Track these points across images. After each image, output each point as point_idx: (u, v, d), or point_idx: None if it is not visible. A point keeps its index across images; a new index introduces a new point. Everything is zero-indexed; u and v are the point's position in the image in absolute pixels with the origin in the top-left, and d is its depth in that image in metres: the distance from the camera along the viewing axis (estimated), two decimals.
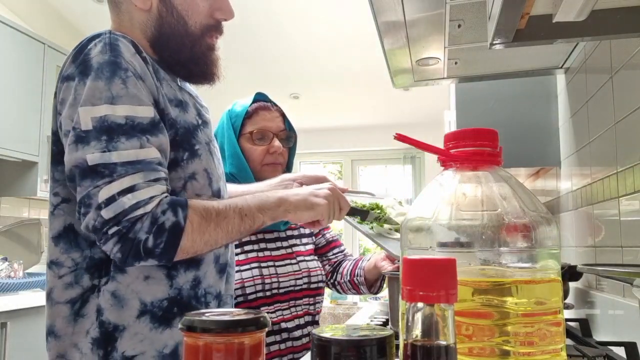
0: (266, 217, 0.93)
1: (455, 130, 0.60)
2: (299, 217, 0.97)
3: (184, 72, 1.00)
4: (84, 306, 0.87)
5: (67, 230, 0.90)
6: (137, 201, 0.79)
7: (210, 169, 0.97)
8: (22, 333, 2.31)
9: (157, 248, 0.80)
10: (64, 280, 0.88)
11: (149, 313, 0.87)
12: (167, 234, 0.81)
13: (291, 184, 1.17)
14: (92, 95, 0.82)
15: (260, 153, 1.37)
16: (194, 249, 0.85)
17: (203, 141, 0.96)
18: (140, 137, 0.82)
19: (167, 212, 0.81)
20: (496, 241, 0.50)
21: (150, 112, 0.85)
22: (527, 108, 1.74)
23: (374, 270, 1.48)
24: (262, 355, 0.41)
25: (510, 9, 0.80)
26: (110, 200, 0.78)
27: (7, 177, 2.96)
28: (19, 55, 2.83)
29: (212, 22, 0.99)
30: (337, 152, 4.75)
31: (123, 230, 0.79)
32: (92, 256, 0.88)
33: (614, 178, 1.17)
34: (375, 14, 1.15)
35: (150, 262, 0.83)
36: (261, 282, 1.28)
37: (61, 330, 0.87)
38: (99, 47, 0.85)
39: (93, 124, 0.81)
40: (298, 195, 0.98)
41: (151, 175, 0.82)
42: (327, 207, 0.99)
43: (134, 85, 0.84)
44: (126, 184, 0.79)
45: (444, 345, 0.38)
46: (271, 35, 3.50)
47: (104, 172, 0.79)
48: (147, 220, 0.80)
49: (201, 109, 1.02)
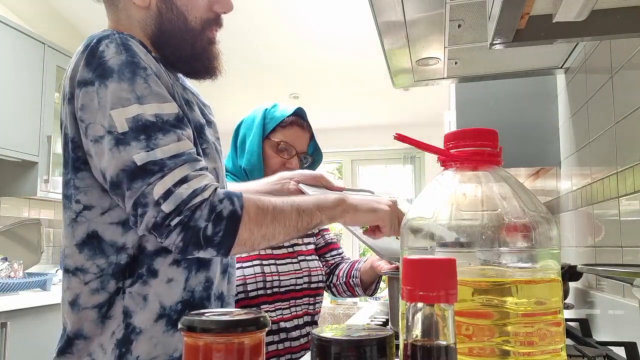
0: (324, 216, 0.91)
1: (455, 130, 0.60)
2: (358, 217, 0.95)
3: (186, 69, 0.99)
4: (110, 309, 0.86)
5: (91, 237, 0.87)
6: (194, 189, 0.79)
7: (218, 168, 0.96)
8: (22, 333, 2.31)
9: (215, 236, 0.80)
10: (90, 287, 0.86)
11: (166, 317, 0.87)
12: (225, 221, 0.80)
13: (288, 182, 1.17)
14: (120, 97, 0.81)
15: (277, 163, 1.40)
16: (252, 241, 0.83)
17: (210, 140, 0.95)
18: (175, 131, 0.82)
19: (224, 200, 0.81)
20: (496, 241, 0.50)
21: (174, 108, 0.85)
22: (527, 108, 1.74)
23: (370, 272, 1.48)
24: (262, 355, 0.41)
25: (510, 9, 0.80)
26: (168, 193, 0.78)
27: (7, 177, 2.96)
28: (19, 55, 2.82)
29: (212, 15, 0.98)
30: (337, 152, 4.75)
31: (185, 219, 0.78)
32: (119, 262, 0.86)
33: (614, 178, 1.17)
34: (375, 14, 1.15)
35: (209, 253, 0.81)
36: (262, 280, 1.28)
37: (90, 332, 0.86)
38: (112, 48, 0.83)
39: (129, 125, 0.80)
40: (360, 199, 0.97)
41: (197, 165, 0.82)
42: (389, 213, 0.97)
43: (155, 83, 0.84)
44: (178, 176, 0.79)
45: (444, 345, 0.38)
46: (271, 35, 3.50)
47: (154, 169, 0.79)
48: (206, 208, 0.79)
49: (204, 108, 1.02)
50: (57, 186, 3.07)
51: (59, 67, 3.05)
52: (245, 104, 1.53)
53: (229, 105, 3.96)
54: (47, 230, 3.36)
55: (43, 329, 2.43)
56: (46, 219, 3.36)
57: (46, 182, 2.97)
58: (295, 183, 1.16)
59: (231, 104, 3.98)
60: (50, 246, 3.39)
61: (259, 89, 4.10)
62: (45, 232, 3.26)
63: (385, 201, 0.99)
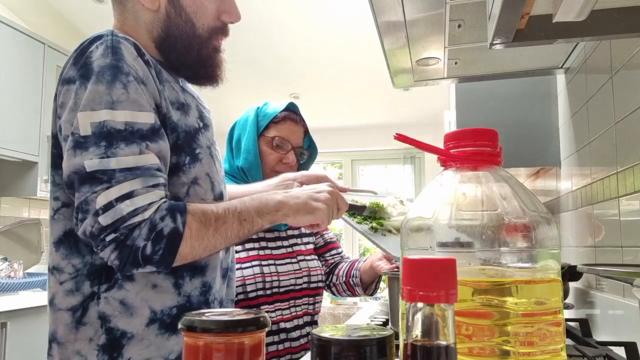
0: (265, 221, 0.92)
1: (455, 130, 0.60)
2: (298, 221, 0.96)
3: (189, 74, 0.99)
4: (84, 314, 0.86)
5: (68, 236, 0.88)
6: (136, 208, 0.78)
7: (212, 173, 0.96)
8: (22, 333, 2.31)
9: (155, 255, 0.79)
10: (65, 287, 0.87)
11: (159, 321, 0.87)
12: (165, 240, 0.80)
13: (292, 183, 1.17)
14: (92, 99, 0.80)
15: (274, 159, 1.40)
16: (193, 254, 0.84)
17: (204, 145, 0.95)
18: (140, 143, 0.81)
19: (166, 218, 0.80)
20: (496, 241, 0.50)
21: (150, 118, 0.83)
22: (527, 108, 1.74)
23: (370, 271, 1.48)
24: (262, 355, 0.41)
25: (510, 9, 0.80)
26: (108, 206, 0.77)
27: (7, 177, 2.96)
28: (19, 55, 2.83)
29: (219, 24, 0.98)
30: (337, 152, 4.75)
31: (121, 237, 0.78)
32: (93, 262, 0.86)
33: (614, 178, 1.17)
34: (375, 14, 1.15)
35: (148, 269, 0.82)
36: (262, 280, 1.28)
37: (63, 337, 0.86)
38: (100, 49, 0.83)
39: (92, 130, 0.79)
40: (298, 199, 0.96)
41: (150, 182, 0.81)
42: (326, 211, 0.98)
43: (135, 90, 0.83)
44: (124, 190, 0.78)
45: (444, 345, 0.38)
46: (271, 35, 3.50)
47: (102, 178, 0.78)
48: (146, 227, 0.79)
49: (203, 111, 1.01)
50: None
51: (59, 67, 3.05)
52: (246, 104, 1.52)
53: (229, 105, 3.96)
54: (47, 230, 3.35)
55: (43, 329, 2.41)
56: (46, 219, 3.36)
57: (46, 182, 2.97)
58: (298, 185, 1.16)
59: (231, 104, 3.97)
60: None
61: (259, 89, 4.10)
62: (45, 232, 3.26)
63: (323, 197, 0.98)
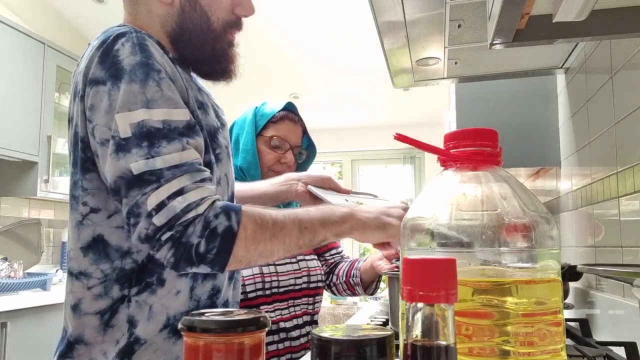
0: (329, 233, 0.86)
1: (455, 130, 0.60)
2: (367, 236, 0.90)
3: (204, 70, 0.97)
4: (113, 317, 0.84)
5: (97, 241, 0.85)
6: (188, 203, 0.76)
7: (229, 173, 0.94)
8: (22, 333, 2.31)
9: (209, 253, 0.76)
10: (93, 292, 0.84)
11: (170, 326, 0.86)
12: (219, 238, 0.77)
13: (296, 183, 1.17)
14: (128, 100, 0.78)
15: (272, 159, 1.40)
16: (248, 258, 0.80)
17: (223, 145, 0.93)
18: (181, 139, 0.79)
19: (220, 215, 0.78)
20: (496, 241, 0.50)
21: (186, 115, 0.82)
22: (527, 108, 1.74)
23: (370, 271, 1.48)
24: (262, 355, 0.41)
25: (510, 9, 0.80)
26: (161, 205, 0.75)
27: (7, 177, 2.96)
28: (19, 55, 2.82)
29: (233, 18, 0.96)
30: (337, 152, 4.75)
31: (176, 234, 0.75)
32: (123, 267, 0.84)
33: (614, 178, 1.17)
34: (375, 14, 1.15)
35: (202, 269, 0.78)
36: (261, 281, 1.28)
37: (91, 338, 0.84)
38: (127, 47, 0.81)
39: (132, 131, 0.77)
40: (369, 212, 0.91)
41: (198, 177, 0.79)
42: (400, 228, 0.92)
43: (168, 87, 0.81)
44: (174, 188, 0.76)
45: (444, 345, 0.38)
46: (271, 35, 3.50)
47: (151, 179, 0.76)
48: (200, 224, 0.76)
49: (218, 110, 0.99)
50: (57, 186, 3.07)
51: (59, 67, 3.05)
52: (245, 104, 1.52)
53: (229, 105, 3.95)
54: (47, 230, 3.36)
55: (43, 329, 2.43)
56: (46, 219, 3.36)
57: (46, 182, 2.97)
58: (303, 185, 1.16)
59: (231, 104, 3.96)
60: (50, 246, 3.39)
61: (259, 89, 4.09)
62: (45, 232, 3.26)
63: (396, 213, 0.93)
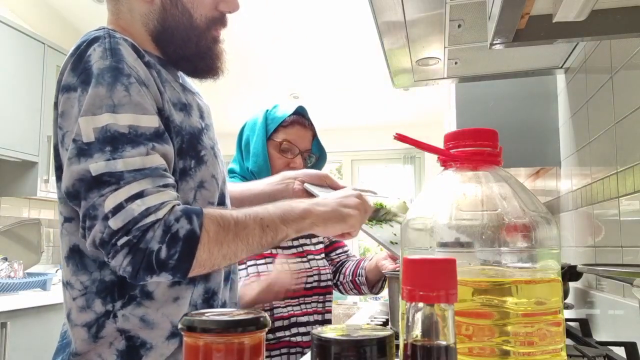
0: (290, 230, 0.85)
1: (455, 130, 0.60)
2: (328, 230, 0.90)
3: (189, 68, 0.96)
4: (101, 330, 0.82)
5: (73, 252, 0.84)
6: (147, 207, 0.73)
7: (217, 173, 0.93)
8: (22, 333, 2.31)
9: (170, 259, 0.73)
10: (77, 303, 0.83)
11: (179, 335, 0.84)
12: (181, 243, 0.73)
13: (292, 181, 1.17)
14: (93, 103, 0.76)
15: (281, 163, 1.40)
16: (211, 261, 0.77)
17: (208, 146, 0.91)
18: (146, 144, 0.77)
19: (181, 219, 0.74)
20: (496, 241, 0.50)
21: (154, 122, 0.80)
22: (527, 108, 1.74)
23: (375, 270, 1.49)
24: (262, 355, 0.41)
25: (510, 9, 0.80)
26: (118, 208, 0.72)
27: (7, 177, 2.96)
28: (19, 55, 2.83)
29: (217, 14, 0.94)
30: (337, 152, 4.75)
31: (133, 240, 0.72)
32: (102, 279, 0.82)
33: (614, 178, 1.17)
34: (375, 14, 1.15)
35: (163, 278, 0.75)
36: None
37: (83, 349, 0.83)
38: (98, 52, 0.79)
39: (96, 135, 0.75)
40: (326, 206, 0.90)
41: (160, 182, 0.76)
42: (358, 217, 0.91)
43: (137, 92, 0.79)
44: (134, 190, 0.73)
45: (444, 345, 0.38)
46: (271, 35, 3.50)
47: (110, 181, 0.73)
48: (160, 229, 0.73)
49: (203, 109, 0.98)
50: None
51: (58, 67, 3.05)
52: (245, 104, 1.53)
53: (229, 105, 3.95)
54: (47, 230, 3.35)
55: (43, 329, 2.43)
56: (46, 219, 3.36)
57: (46, 182, 2.97)
58: (299, 183, 1.16)
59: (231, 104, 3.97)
60: (50, 246, 3.39)
61: (259, 89, 4.10)
62: (45, 232, 3.26)
63: (353, 202, 0.92)
